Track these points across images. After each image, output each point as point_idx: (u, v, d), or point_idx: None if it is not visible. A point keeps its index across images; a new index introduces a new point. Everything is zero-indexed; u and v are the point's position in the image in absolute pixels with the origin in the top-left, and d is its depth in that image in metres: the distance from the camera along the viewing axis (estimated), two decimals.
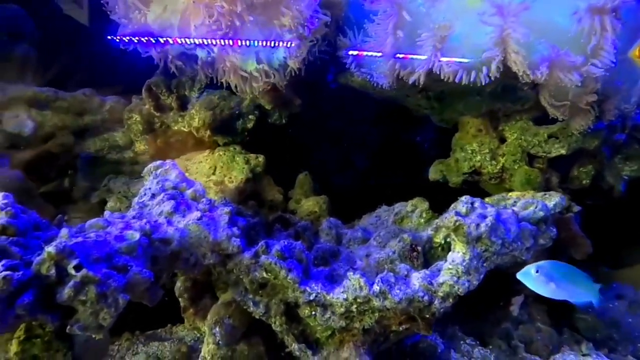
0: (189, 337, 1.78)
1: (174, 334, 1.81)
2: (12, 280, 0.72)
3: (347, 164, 1.99)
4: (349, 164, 1.99)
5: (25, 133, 1.66)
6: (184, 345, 1.71)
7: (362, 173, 2.01)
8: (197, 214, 1.04)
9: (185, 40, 1.53)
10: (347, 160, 1.99)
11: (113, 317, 0.81)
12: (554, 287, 1.00)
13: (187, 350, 1.68)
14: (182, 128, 1.72)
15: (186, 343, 1.73)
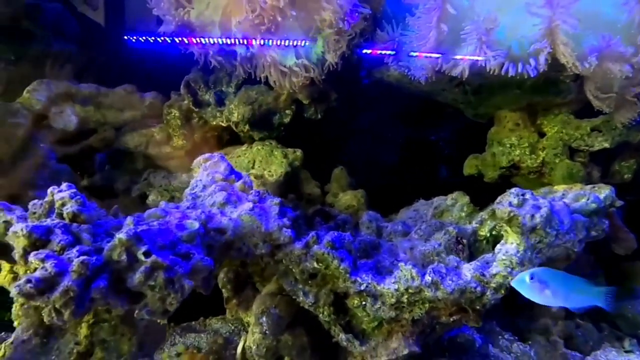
0: (224, 330, 1.81)
1: (208, 326, 1.85)
2: (88, 265, 0.75)
3: (379, 159, 1.99)
4: (381, 158, 1.99)
5: (70, 128, 1.71)
6: (220, 337, 1.74)
7: (394, 168, 2.01)
8: (249, 204, 1.06)
9: (224, 37, 1.56)
10: (380, 155, 1.99)
11: (178, 302, 0.83)
12: (549, 294, 0.96)
13: (223, 342, 1.71)
14: (220, 123, 1.75)
15: (222, 335, 1.76)
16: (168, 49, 1.64)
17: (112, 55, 1.91)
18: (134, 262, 0.81)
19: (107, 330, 0.86)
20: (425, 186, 1.99)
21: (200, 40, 1.57)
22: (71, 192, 0.89)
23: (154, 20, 1.71)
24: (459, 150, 1.98)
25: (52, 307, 0.73)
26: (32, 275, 0.72)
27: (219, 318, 1.78)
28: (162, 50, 1.63)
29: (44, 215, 0.89)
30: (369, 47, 1.65)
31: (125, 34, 1.64)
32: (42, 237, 0.80)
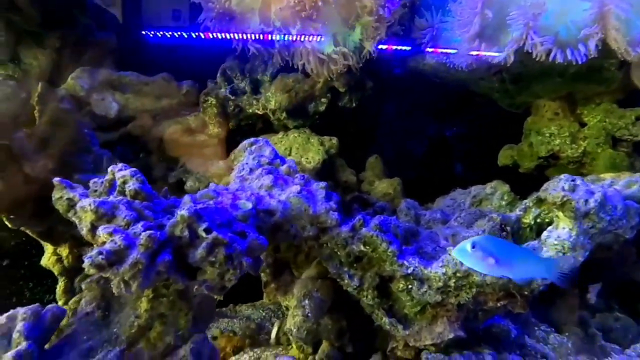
0: (255, 316, 1.84)
1: (239, 313, 1.88)
2: (155, 239, 0.77)
3: (411, 148, 1.98)
4: (413, 148, 1.99)
5: (110, 115, 1.75)
6: (252, 323, 1.77)
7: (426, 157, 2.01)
8: (297, 187, 1.08)
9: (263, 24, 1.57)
10: (411, 145, 1.99)
11: (236, 278, 0.85)
12: (492, 263, 0.87)
13: (255, 327, 1.75)
14: (256, 111, 1.77)
15: (254, 320, 1.79)
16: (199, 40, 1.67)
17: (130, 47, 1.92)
18: (195, 239, 0.83)
19: (165, 305, 0.89)
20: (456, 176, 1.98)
21: (239, 28, 1.59)
22: (132, 170, 0.91)
23: (169, 13, 1.74)
24: (490, 141, 1.96)
25: (120, 279, 0.76)
26: (103, 248, 0.75)
27: (249, 305, 1.81)
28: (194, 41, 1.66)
29: (104, 193, 0.92)
30: (406, 34, 1.64)
31: (143, 26, 1.68)
32: (108, 213, 0.82)
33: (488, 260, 0.88)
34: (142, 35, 1.70)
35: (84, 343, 0.86)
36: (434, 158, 1.98)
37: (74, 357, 0.84)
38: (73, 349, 0.85)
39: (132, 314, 0.90)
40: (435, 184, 1.89)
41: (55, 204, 0.95)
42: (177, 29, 1.73)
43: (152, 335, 0.89)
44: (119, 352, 0.83)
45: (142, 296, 0.89)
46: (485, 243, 0.89)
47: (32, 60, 1.56)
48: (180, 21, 1.73)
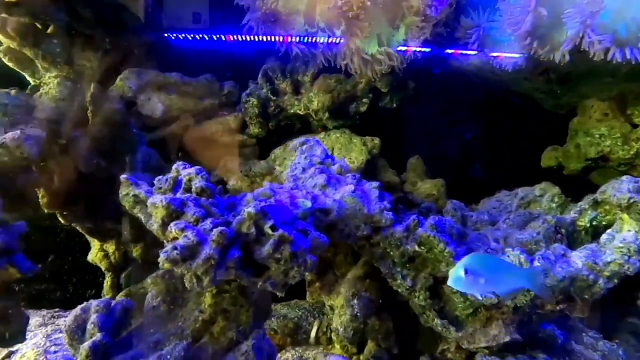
0: (292, 315, 1.85)
1: (275, 312, 1.90)
2: (226, 235, 0.79)
3: (451, 150, 1.96)
4: (453, 149, 1.97)
5: (156, 115, 1.79)
6: (290, 322, 1.78)
7: (466, 159, 1.98)
8: (351, 187, 1.08)
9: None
10: (451, 146, 1.97)
11: (301, 276, 0.86)
12: (483, 283, 0.88)
13: (294, 326, 1.76)
14: (298, 111, 1.78)
15: (292, 320, 1.80)
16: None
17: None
18: (261, 236, 0.85)
19: (228, 301, 0.91)
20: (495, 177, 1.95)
21: (283, 29, 1.60)
22: (197, 168, 0.94)
23: (190, 16, 1.77)
24: (530, 143, 1.92)
25: (193, 274, 0.78)
26: (177, 243, 0.77)
27: (284, 304, 1.82)
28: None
29: (169, 191, 0.95)
30: (450, 34, 1.63)
31: (165, 29, 1.72)
32: (178, 209, 0.85)
33: (480, 282, 0.88)
34: (165, 37, 1.75)
35: (152, 336, 0.89)
36: (473, 159, 1.96)
37: (143, 349, 0.86)
38: (141, 342, 0.88)
39: (195, 309, 0.92)
40: (474, 185, 1.87)
41: (122, 201, 0.98)
42: (198, 31, 1.77)
43: (215, 330, 0.91)
44: (186, 345, 0.86)
45: (206, 292, 0.91)
46: (474, 265, 0.89)
47: (85, 62, 1.61)
48: (200, 24, 1.77)
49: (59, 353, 1.58)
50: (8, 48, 1.51)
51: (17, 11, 1.35)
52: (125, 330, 0.89)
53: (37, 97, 1.41)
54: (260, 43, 1.68)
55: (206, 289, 0.80)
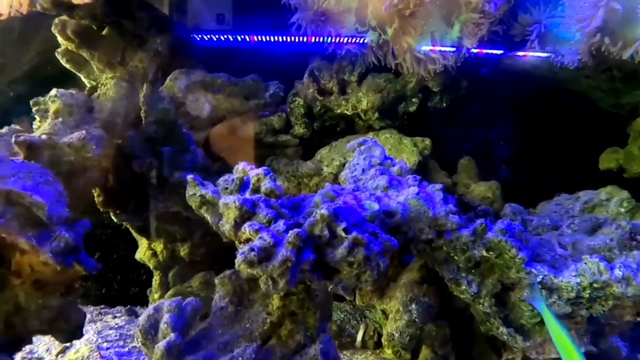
0: (334, 317, 1.83)
1: None
2: (301, 237, 0.78)
3: (501, 150, 1.90)
4: (504, 150, 1.90)
5: (203, 115, 1.80)
6: (333, 324, 1.76)
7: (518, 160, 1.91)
8: (415, 189, 1.05)
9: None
10: (502, 147, 1.90)
11: (373, 279, 0.83)
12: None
13: (337, 329, 1.73)
14: (345, 111, 1.76)
15: (335, 322, 1.78)
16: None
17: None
18: (333, 238, 0.83)
19: (295, 303, 0.89)
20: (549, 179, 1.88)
21: (334, 28, 1.58)
22: (264, 169, 0.93)
23: (214, 17, 1.77)
24: (587, 143, 1.84)
25: (268, 276, 0.77)
26: (253, 244, 0.76)
27: (357, 302, 1.75)
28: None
29: (236, 191, 0.94)
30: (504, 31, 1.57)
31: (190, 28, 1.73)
32: (250, 210, 0.84)
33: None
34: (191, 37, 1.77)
35: (220, 337, 0.88)
36: (524, 161, 1.89)
37: (212, 350, 0.86)
38: (210, 342, 0.87)
39: (262, 310, 0.91)
40: (526, 187, 1.80)
41: (188, 200, 0.98)
42: (222, 32, 1.78)
43: (282, 333, 0.89)
44: (255, 347, 0.84)
45: (272, 294, 0.90)
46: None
47: (137, 62, 1.64)
48: (224, 24, 1.77)
49: (111, 349, 1.61)
50: (66, 50, 1.55)
51: (78, 13, 1.38)
52: (193, 330, 0.89)
53: (95, 97, 1.44)
54: (297, 44, 1.70)
55: (281, 291, 0.78)
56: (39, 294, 1.12)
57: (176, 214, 1.67)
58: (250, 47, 1.84)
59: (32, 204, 0.97)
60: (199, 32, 1.81)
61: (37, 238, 0.97)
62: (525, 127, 1.92)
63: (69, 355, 1.55)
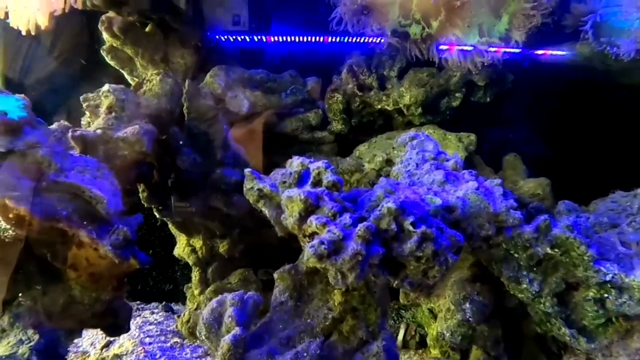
0: None
1: None
2: (371, 230, 0.75)
3: (548, 146, 1.84)
4: (550, 146, 1.84)
5: (242, 112, 1.80)
6: None
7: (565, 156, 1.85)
8: (474, 183, 1.02)
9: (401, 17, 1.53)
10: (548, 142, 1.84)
11: (441, 275, 0.81)
12: None
13: None
14: (386, 107, 1.73)
15: None
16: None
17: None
18: (400, 232, 0.80)
19: (357, 299, 0.87)
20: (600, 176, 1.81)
21: (376, 21, 1.56)
22: (324, 162, 0.91)
23: (230, 18, 1.76)
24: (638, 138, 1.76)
25: (337, 270, 0.75)
26: (323, 238, 0.75)
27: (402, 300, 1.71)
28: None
29: (294, 184, 0.93)
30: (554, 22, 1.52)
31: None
32: (314, 203, 0.82)
33: None
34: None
35: (281, 332, 0.87)
36: (572, 157, 1.82)
37: (275, 344, 0.84)
38: (272, 337, 0.86)
39: (322, 305, 0.89)
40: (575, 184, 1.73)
41: (246, 194, 0.97)
42: (238, 32, 1.77)
43: (344, 329, 0.87)
44: (320, 343, 0.83)
45: (335, 290, 0.88)
46: None
47: (179, 59, 1.65)
48: (239, 25, 1.77)
49: (154, 344, 1.62)
50: (111, 47, 1.56)
51: (126, 9, 1.39)
52: (254, 324, 0.88)
53: (141, 93, 1.45)
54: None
55: (351, 285, 0.77)
56: (93, 287, 1.13)
57: (216, 210, 1.68)
58: (269, 46, 1.85)
59: (92, 197, 0.98)
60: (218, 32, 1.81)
61: (97, 231, 0.98)
62: (572, 122, 1.86)
63: (113, 349, 1.57)
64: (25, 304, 1.09)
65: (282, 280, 0.91)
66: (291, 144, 1.96)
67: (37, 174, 0.94)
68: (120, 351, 1.54)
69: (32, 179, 0.93)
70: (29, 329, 1.05)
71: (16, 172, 0.90)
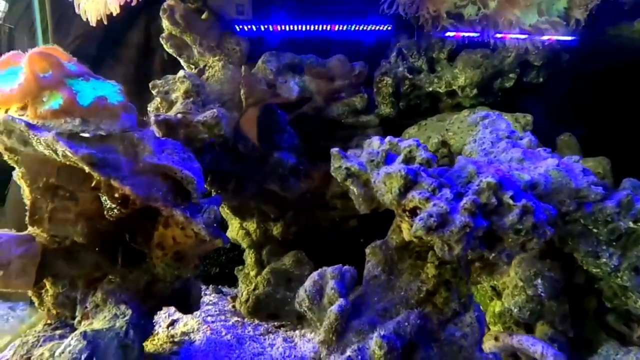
0: None
1: None
2: (477, 204, 0.78)
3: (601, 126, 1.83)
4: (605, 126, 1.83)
5: (292, 97, 1.82)
6: None
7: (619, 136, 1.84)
8: (554, 160, 1.03)
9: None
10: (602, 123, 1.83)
11: (538, 247, 0.83)
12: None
13: None
14: (437, 89, 1.74)
15: None
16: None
17: None
18: (499, 206, 0.83)
19: (450, 272, 0.90)
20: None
21: (432, 2, 1.56)
22: (415, 140, 0.93)
23: (234, 8, 1.75)
24: None
25: (444, 242, 0.78)
26: (431, 210, 0.77)
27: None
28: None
29: (382, 163, 0.95)
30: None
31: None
32: (413, 179, 0.85)
33: None
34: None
35: (376, 304, 0.90)
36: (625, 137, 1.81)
37: (371, 315, 0.88)
38: (368, 308, 0.89)
39: (413, 279, 0.92)
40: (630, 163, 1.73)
41: (333, 173, 1.00)
42: (241, 22, 1.77)
43: (438, 301, 0.90)
44: (418, 313, 0.86)
45: (428, 263, 0.91)
46: None
47: (234, 45, 1.67)
48: (244, 15, 1.77)
49: (217, 323, 1.68)
50: (169, 34, 1.59)
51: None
52: (349, 296, 0.91)
53: (204, 79, 1.48)
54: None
55: (456, 257, 0.79)
56: (176, 265, 1.18)
57: (272, 193, 1.71)
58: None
59: (183, 178, 1.01)
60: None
61: (190, 210, 1.02)
62: (626, 102, 1.84)
63: (179, 327, 1.63)
64: (115, 281, 1.15)
65: (373, 255, 0.94)
66: (335, 128, 1.98)
67: (134, 156, 0.98)
68: (186, 329, 1.60)
69: (130, 161, 0.96)
70: (121, 304, 1.11)
71: (117, 154, 0.94)
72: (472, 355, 0.87)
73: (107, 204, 0.93)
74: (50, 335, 1.08)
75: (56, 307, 1.13)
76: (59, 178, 0.96)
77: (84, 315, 1.12)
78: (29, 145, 0.89)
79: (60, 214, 0.97)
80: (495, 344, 1.16)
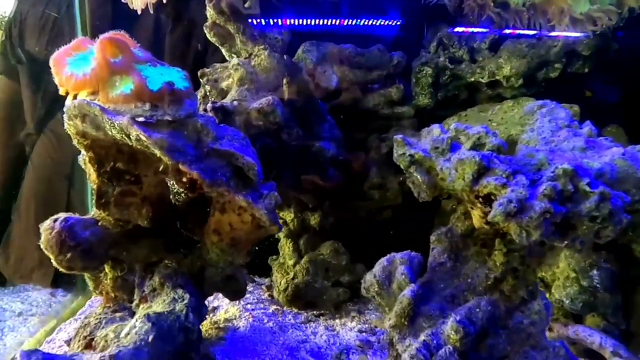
0: None
1: None
2: (556, 189, 0.77)
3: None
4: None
5: (331, 87, 1.82)
6: None
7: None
8: (619, 149, 1.02)
9: None
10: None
11: (614, 235, 0.82)
12: None
13: None
14: (480, 79, 1.72)
15: None
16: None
17: None
18: (575, 193, 0.82)
19: (517, 260, 0.90)
20: None
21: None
22: (483, 127, 0.92)
23: (240, 2, 1.73)
24: None
25: (522, 228, 0.77)
26: (511, 196, 0.77)
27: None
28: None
29: (447, 150, 0.95)
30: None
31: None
32: (486, 166, 0.84)
33: None
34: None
35: (443, 290, 0.90)
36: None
37: (439, 301, 0.88)
38: (435, 295, 0.90)
39: (479, 266, 0.92)
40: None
41: (397, 160, 1.00)
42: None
43: (505, 288, 0.90)
44: (489, 300, 0.86)
45: (496, 250, 0.91)
46: None
47: (276, 34, 1.67)
48: (249, 9, 1.75)
49: (257, 311, 1.70)
50: (213, 23, 1.59)
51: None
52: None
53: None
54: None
55: (534, 243, 0.79)
56: (231, 251, 1.19)
57: (312, 183, 1.72)
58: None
59: (244, 164, 1.02)
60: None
61: (252, 196, 1.02)
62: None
63: (219, 314, 1.66)
64: (172, 266, 1.16)
65: (439, 242, 0.94)
66: (369, 119, 1.98)
67: (198, 141, 0.99)
68: (227, 316, 1.62)
69: (195, 146, 0.97)
70: (178, 288, 1.12)
71: (184, 140, 0.95)
72: (539, 342, 0.87)
73: (173, 189, 0.94)
74: (111, 317, 1.09)
75: (115, 290, 1.15)
76: (125, 162, 0.98)
77: (142, 299, 1.13)
78: (100, 129, 0.90)
79: (127, 198, 0.99)
80: (549, 335, 1.16)
